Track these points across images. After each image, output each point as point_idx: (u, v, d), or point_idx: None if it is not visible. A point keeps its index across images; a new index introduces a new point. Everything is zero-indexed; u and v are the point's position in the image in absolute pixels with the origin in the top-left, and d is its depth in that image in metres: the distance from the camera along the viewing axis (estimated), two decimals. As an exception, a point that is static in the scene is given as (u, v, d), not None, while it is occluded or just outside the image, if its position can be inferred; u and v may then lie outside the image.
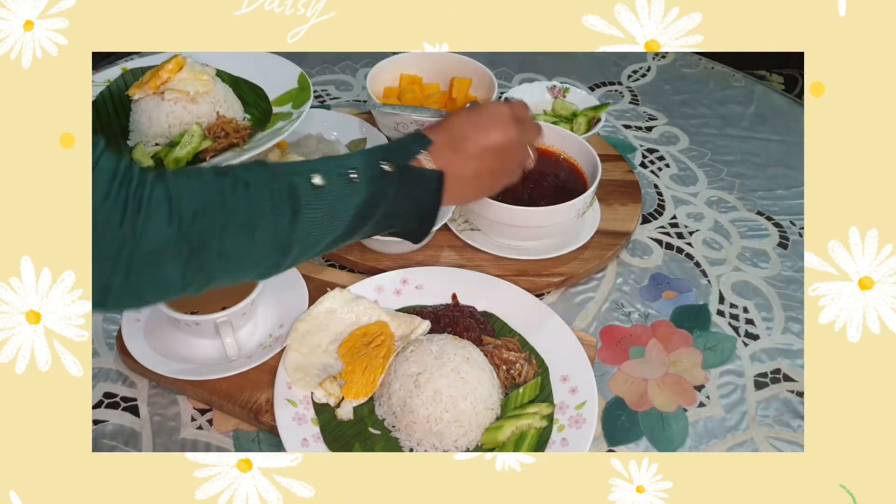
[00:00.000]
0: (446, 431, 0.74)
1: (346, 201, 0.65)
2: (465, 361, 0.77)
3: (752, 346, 0.91)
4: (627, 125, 1.28)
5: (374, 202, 0.67)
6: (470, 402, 0.75)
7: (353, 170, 0.66)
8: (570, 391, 0.79)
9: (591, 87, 1.38)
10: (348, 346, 0.82)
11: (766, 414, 0.84)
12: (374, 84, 1.13)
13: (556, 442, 0.75)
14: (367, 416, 0.78)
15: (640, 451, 0.80)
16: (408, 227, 0.73)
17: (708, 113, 1.32)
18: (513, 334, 0.86)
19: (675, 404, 0.84)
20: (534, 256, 0.97)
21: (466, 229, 1.00)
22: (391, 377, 0.78)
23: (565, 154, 1.03)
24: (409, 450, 0.75)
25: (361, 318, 0.85)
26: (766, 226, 1.09)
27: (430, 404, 0.74)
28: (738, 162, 1.21)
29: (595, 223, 1.01)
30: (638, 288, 0.98)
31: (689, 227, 1.08)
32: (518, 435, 0.75)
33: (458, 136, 0.73)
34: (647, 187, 1.14)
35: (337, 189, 0.64)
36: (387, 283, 0.90)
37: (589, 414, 0.76)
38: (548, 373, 0.82)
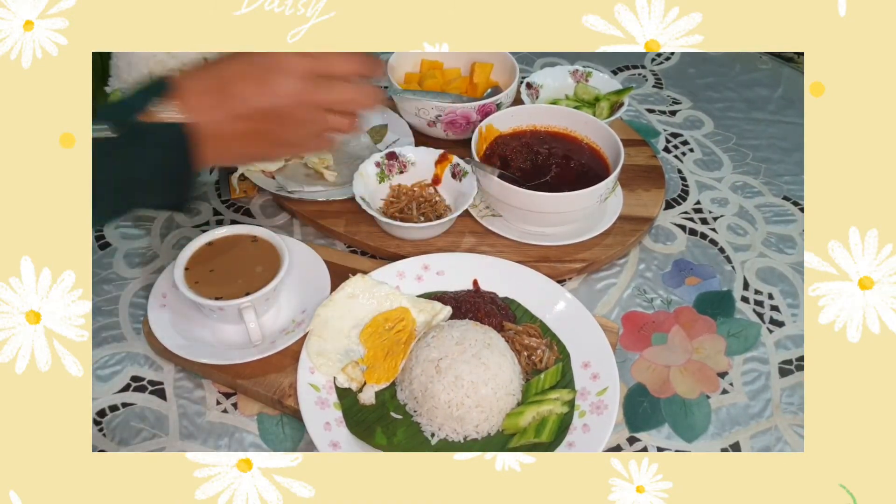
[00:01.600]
0: (467, 416, 0.74)
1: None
2: (486, 347, 0.77)
3: (777, 333, 0.90)
4: (651, 109, 1.27)
5: (97, 174, 0.58)
6: (491, 387, 0.75)
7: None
8: (591, 377, 0.79)
9: (614, 71, 1.36)
10: (370, 332, 0.83)
11: (790, 402, 0.83)
12: (395, 70, 1.13)
13: (577, 428, 0.75)
14: (389, 400, 0.78)
15: (662, 437, 0.80)
16: (161, 198, 0.63)
17: (733, 96, 1.30)
18: (534, 320, 0.86)
19: (698, 391, 0.84)
20: (556, 242, 0.96)
21: (488, 215, 1.00)
22: (413, 362, 0.78)
23: (588, 139, 1.02)
24: (430, 434, 0.75)
25: (383, 303, 0.86)
26: (793, 211, 1.07)
27: (452, 389, 0.75)
28: (764, 146, 1.19)
29: (618, 209, 1.00)
30: (661, 274, 0.97)
31: (713, 212, 1.07)
32: (539, 420, 0.75)
33: (222, 86, 0.61)
34: (670, 172, 1.13)
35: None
36: (408, 269, 0.90)
37: (611, 400, 0.76)
38: (569, 359, 0.82)
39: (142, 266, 0.97)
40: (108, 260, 0.97)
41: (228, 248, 0.85)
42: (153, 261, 0.97)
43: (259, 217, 1.05)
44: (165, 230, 1.02)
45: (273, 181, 1.03)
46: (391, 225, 0.95)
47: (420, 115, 1.07)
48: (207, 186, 1.09)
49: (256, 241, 0.86)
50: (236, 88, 0.61)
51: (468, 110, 1.05)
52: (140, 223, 1.02)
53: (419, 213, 0.98)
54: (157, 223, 1.03)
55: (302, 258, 0.89)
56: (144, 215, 1.03)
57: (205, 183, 1.09)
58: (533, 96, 1.12)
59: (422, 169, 1.02)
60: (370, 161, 1.01)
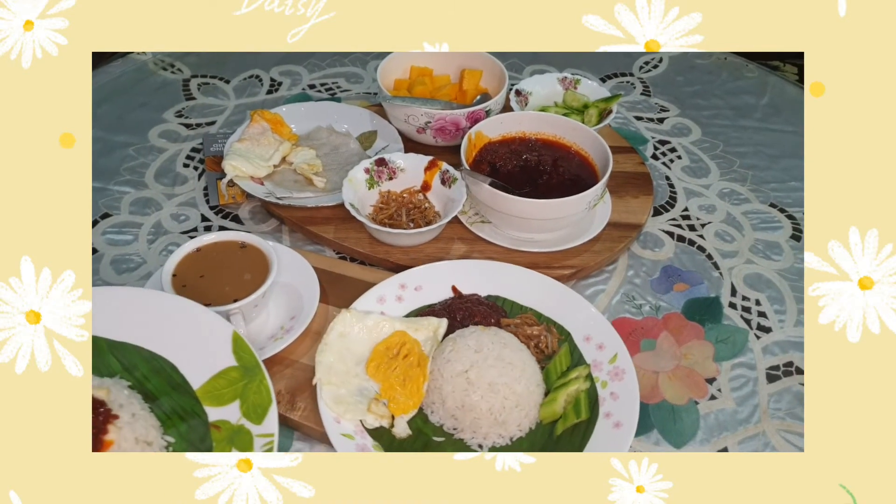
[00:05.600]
0: (510, 418, 0.75)
1: None
2: (504, 347, 0.78)
3: (765, 339, 0.91)
4: (639, 117, 1.28)
5: None
6: (524, 383, 0.76)
7: None
8: (597, 348, 0.82)
9: (603, 79, 1.37)
10: (375, 364, 0.80)
11: (778, 407, 0.84)
12: (384, 76, 1.13)
13: (605, 398, 0.77)
14: (423, 426, 0.77)
15: (650, 443, 0.80)
16: None
17: (720, 104, 1.31)
18: (525, 310, 0.87)
19: (687, 397, 0.84)
20: (545, 249, 0.96)
21: (477, 222, 1.00)
22: (439, 381, 0.77)
23: (576, 146, 1.02)
24: (476, 446, 0.74)
25: (375, 333, 0.83)
26: (779, 218, 1.08)
27: (490, 396, 0.74)
28: (751, 153, 1.20)
29: (606, 215, 1.01)
30: (649, 280, 0.98)
31: (700, 219, 1.07)
32: (572, 402, 0.77)
33: None
34: (658, 179, 1.14)
35: None
36: (387, 293, 0.88)
37: (624, 364, 0.79)
38: (570, 336, 0.84)
39: (129, 272, 0.96)
40: (94, 266, 0.96)
41: (217, 255, 0.84)
42: (140, 267, 0.97)
43: (248, 223, 1.04)
44: (153, 236, 1.01)
45: (262, 187, 1.03)
46: (380, 231, 0.95)
47: (410, 122, 1.07)
48: (196, 192, 1.08)
49: (245, 248, 0.85)
50: None
51: (458, 117, 1.05)
52: (127, 229, 1.02)
53: (408, 219, 0.98)
54: (143, 229, 1.02)
55: (291, 264, 0.89)
56: (131, 221, 1.03)
57: (193, 189, 1.09)
58: (522, 103, 1.12)
59: (411, 175, 1.02)
60: (359, 167, 1.01)
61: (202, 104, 1.26)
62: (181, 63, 1.35)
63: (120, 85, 1.29)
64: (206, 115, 1.24)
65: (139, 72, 1.32)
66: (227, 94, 1.29)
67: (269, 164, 1.05)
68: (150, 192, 1.08)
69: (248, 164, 1.03)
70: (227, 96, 1.28)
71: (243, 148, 1.05)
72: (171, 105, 1.25)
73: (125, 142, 1.16)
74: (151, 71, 1.33)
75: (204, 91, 1.29)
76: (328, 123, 1.15)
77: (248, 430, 0.69)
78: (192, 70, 1.33)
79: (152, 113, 1.23)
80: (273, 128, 1.10)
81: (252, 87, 1.31)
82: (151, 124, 1.20)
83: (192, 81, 1.31)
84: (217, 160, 1.09)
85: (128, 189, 1.08)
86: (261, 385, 0.70)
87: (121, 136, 1.17)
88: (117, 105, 1.24)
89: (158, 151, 1.15)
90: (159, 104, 1.25)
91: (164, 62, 1.35)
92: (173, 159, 1.14)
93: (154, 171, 1.12)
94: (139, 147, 1.16)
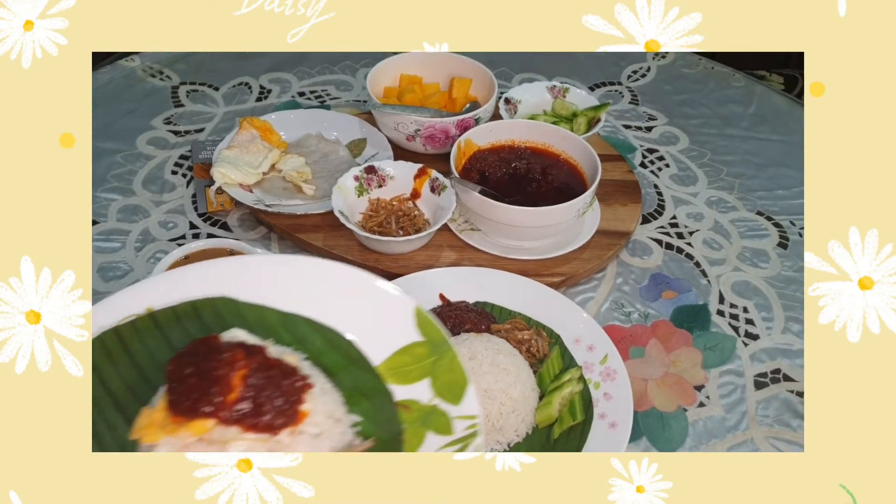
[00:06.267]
0: (507, 424, 0.75)
1: None
2: (498, 353, 0.78)
3: (752, 346, 0.91)
4: (627, 125, 1.28)
5: None
6: (519, 389, 0.76)
7: None
8: (587, 349, 0.82)
9: (591, 87, 1.38)
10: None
11: (766, 414, 0.84)
12: (374, 84, 1.13)
13: (599, 399, 0.78)
14: None
15: (639, 451, 0.80)
16: None
17: (708, 113, 1.32)
18: (513, 315, 0.87)
19: (675, 404, 0.84)
20: (534, 256, 0.97)
21: (466, 229, 1.00)
22: None
23: (565, 154, 1.03)
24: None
25: None
26: (766, 226, 1.09)
27: (487, 403, 0.75)
28: (738, 162, 1.21)
29: (595, 223, 1.01)
30: (638, 288, 0.98)
31: (688, 227, 1.08)
32: (567, 405, 0.77)
33: None
34: (646, 187, 1.14)
35: None
36: None
37: (615, 364, 0.79)
38: (560, 339, 0.84)
39: (116, 280, 0.95)
40: (81, 274, 0.95)
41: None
42: (127, 274, 0.96)
43: (236, 231, 1.04)
44: (140, 243, 1.00)
45: (251, 194, 1.03)
46: (370, 239, 0.94)
47: (399, 130, 1.07)
48: (184, 200, 1.08)
49: (233, 255, 0.85)
50: None
51: (447, 125, 1.05)
52: (114, 236, 1.01)
53: (398, 227, 0.98)
54: (131, 236, 1.01)
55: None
56: (119, 228, 1.02)
57: (181, 196, 1.08)
58: (511, 111, 1.13)
59: (401, 183, 1.02)
60: (349, 175, 1.01)
61: (191, 111, 1.26)
62: (170, 70, 1.34)
63: (108, 92, 1.28)
64: (194, 122, 1.23)
65: (127, 79, 1.32)
66: (217, 102, 1.28)
67: (258, 171, 1.05)
68: (137, 199, 1.08)
69: (236, 171, 1.03)
70: (216, 103, 1.28)
71: (232, 155, 1.05)
72: (159, 112, 1.25)
73: (113, 149, 1.16)
74: (140, 78, 1.32)
75: (193, 98, 1.29)
76: (318, 131, 1.14)
77: (444, 411, 0.63)
78: (181, 77, 1.33)
79: (140, 120, 1.22)
80: (262, 135, 1.10)
81: (241, 94, 1.31)
82: (139, 131, 1.20)
83: (180, 88, 1.31)
84: (206, 167, 1.09)
85: (115, 196, 1.07)
86: (453, 362, 0.65)
87: (108, 143, 1.17)
88: (105, 112, 1.23)
89: (146, 158, 1.15)
90: (147, 111, 1.25)
91: (152, 69, 1.34)
92: (161, 166, 1.14)
93: (142, 179, 1.11)
94: (127, 154, 1.15)
